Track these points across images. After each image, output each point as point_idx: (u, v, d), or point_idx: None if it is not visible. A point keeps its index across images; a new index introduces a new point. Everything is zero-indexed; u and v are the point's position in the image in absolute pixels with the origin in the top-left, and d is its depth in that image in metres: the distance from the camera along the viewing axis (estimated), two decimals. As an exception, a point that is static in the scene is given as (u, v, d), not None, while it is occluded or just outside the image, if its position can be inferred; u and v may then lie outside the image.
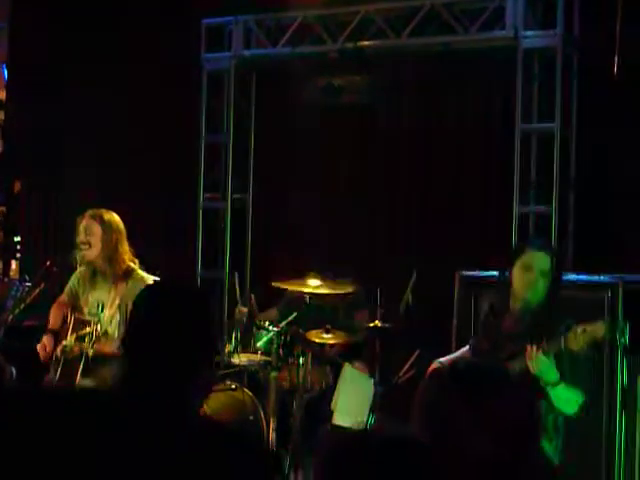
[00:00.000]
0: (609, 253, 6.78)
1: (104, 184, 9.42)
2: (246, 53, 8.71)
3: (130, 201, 8.98)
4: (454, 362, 3.54)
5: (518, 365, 4.58)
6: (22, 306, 6.20)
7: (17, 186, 10.94)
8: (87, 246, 5.95)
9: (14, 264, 11.68)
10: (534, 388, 4.53)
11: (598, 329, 4.45)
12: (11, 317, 6.26)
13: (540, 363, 4.45)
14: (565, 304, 4.86)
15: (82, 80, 9.64)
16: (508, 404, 2.43)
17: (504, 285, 4.89)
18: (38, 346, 6.02)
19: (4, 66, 10.85)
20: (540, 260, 4.75)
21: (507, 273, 4.86)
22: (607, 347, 5.69)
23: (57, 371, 5.95)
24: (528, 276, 4.73)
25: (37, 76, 10.08)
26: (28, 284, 6.17)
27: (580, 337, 4.43)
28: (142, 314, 2.58)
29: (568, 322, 4.54)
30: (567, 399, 4.55)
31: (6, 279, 10.85)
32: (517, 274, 4.78)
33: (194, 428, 2.43)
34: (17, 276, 10.59)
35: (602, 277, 6.03)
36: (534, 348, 4.47)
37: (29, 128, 10.20)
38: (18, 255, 11.01)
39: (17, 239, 11.35)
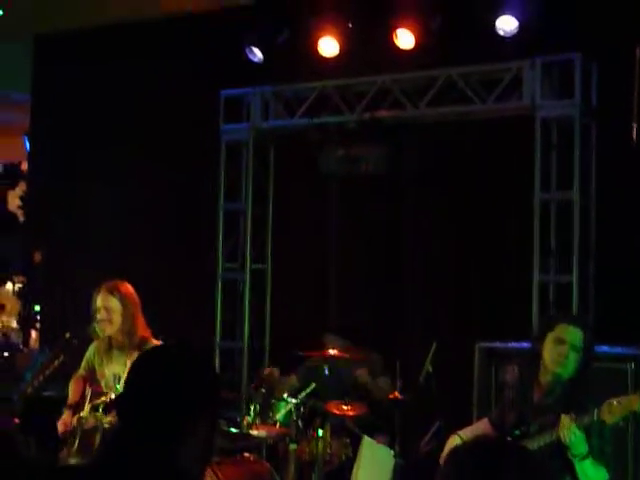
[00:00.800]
0: (631, 323, 6.70)
1: (124, 254, 9.45)
2: (264, 124, 8.75)
3: (149, 271, 9.00)
4: (473, 441, 3.48)
5: (548, 438, 4.53)
6: (41, 378, 6.19)
7: (37, 256, 10.99)
8: (107, 322, 5.94)
9: (34, 334, 11.70)
10: (561, 461, 4.48)
11: (633, 402, 4.39)
12: (30, 389, 6.24)
13: (572, 434, 4.40)
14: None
15: (102, 150, 9.72)
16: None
17: (533, 357, 4.82)
18: (59, 422, 5.99)
19: (26, 137, 10.98)
20: (572, 335, 4.68)
21: (537, 345, 4.80)
22: (632, 420, 5.60)
23: (75, 443, 5.91)
24: (559, 350, 4.67)
25: (58, 147, 10.17)
26: (48, 355, 6.18)
27: (615, 410, 4.38)
28: (135, 378, 2.56)
29: (601, 395, 4.50)
30: (593, 475, 4.48)
31: (26, 350, 10.86)
32: (548, 347, 4.72)
33: None
34: (37, 346, 10.61)
35: (624, 349, 5.95)
36: (569, 418, 4.42)
37: (50, 199, 10.28)
38: (38, 325, 11.03)
39: (37, 309, 11.38)
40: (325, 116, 8.41)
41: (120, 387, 5.84)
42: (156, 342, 6.07)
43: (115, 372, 5.97)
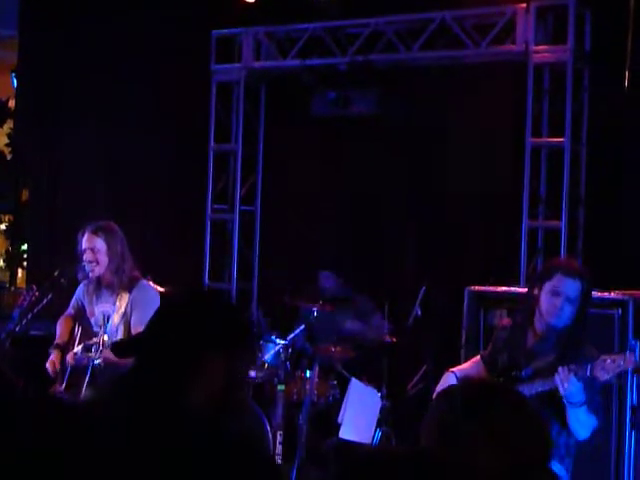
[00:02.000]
0: (619, 269, 6.73)
1: (112, 193, 9.42)
2: (256, 65, 8.69)
3: (138, 211, 8.98)
4: (466, 382, 3.51)
5: (543, 385, 4.55)
6: (29, 316, 6.19)
7: (25, 195, 10.95)
8: (94, 263, 5.92)
9: (21, 273, 11.70)
10: (552, 407, 4.51)
11: (627, 361, 4.41)
12: (18, 327, 6.25)
13: (571, 385, 4.42)
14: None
15: (91, 88, 9.62)
16: (521, 426, 2.40)
17: (529, 301, 4.82)
18: (47, 363, 5.98)
19: (13, 74, 10.86)
20: (569, 287, 4.65)
21: (534, 291, 4.79)
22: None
23: (64, 381, 5.92)
24: (554, 302, 4.64)
25: (46, 84, 10.08)
26: (36, 294, 6.17)
27: (609, 367, 4.40)
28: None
29: (589, 341, 4.55)
30: (584, 422, 4.52)
31: (13, 288, 10.86)
32: (544, 297, 4.70)
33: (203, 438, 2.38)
34: (24, 285, 10.60)
35: (612, 294, 5.98)
36: (566, 370, 4.43)
37: (38, 137, 10.20)
38: (25, 264, 11.03)
39: (24, 247, 11.37)
40: (317, 58, 8.35)
41: (109, 326, 5.85)
42: (146, 282, 6.08)
43: (104, 311, 5.97)
